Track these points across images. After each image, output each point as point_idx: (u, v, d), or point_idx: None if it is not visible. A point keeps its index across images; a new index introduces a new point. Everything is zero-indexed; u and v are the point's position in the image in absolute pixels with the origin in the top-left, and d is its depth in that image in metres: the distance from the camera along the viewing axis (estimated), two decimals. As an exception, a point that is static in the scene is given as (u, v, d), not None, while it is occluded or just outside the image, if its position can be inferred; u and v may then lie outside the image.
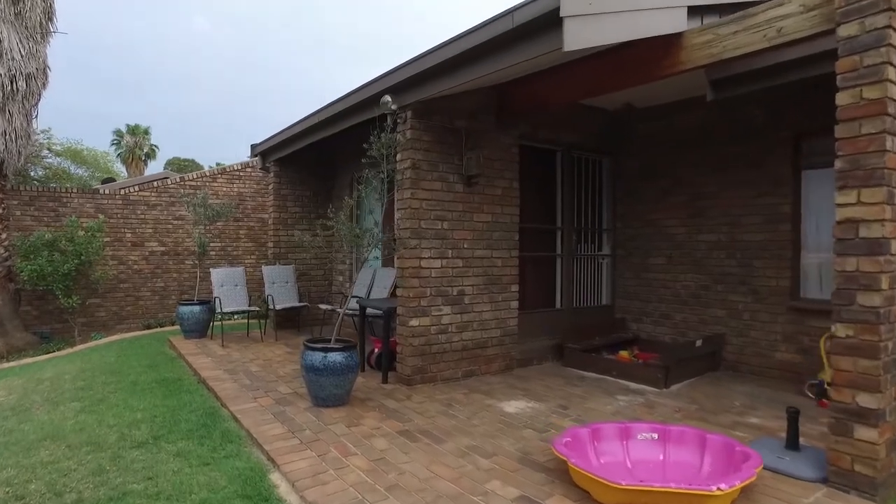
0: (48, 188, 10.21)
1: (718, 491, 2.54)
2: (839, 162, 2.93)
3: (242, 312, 7.82)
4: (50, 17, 9.31)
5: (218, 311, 7.26)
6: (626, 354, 5.93)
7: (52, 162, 17.73)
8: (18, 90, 8.62)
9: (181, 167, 32.38)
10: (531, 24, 3.49)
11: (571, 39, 3.29)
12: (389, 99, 4.88)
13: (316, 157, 8.45)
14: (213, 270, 7.87)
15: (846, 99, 2.88)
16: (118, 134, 34.27)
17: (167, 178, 12.69)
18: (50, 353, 8.23)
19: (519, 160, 5.76)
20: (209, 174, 11.78)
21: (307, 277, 8.64)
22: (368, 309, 5.75)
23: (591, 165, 6.91)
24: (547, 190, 6.50)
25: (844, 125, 2.89)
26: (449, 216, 5.23)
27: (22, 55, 8.60)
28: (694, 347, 5.47)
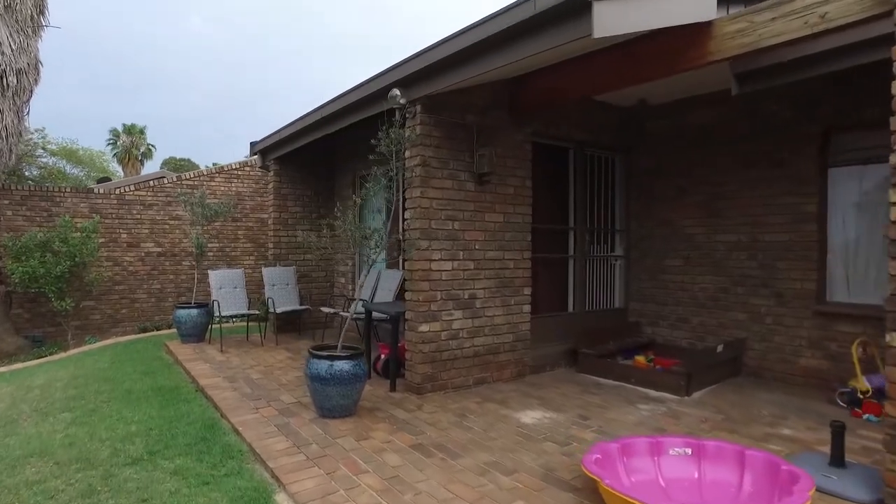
0: (40, 187, 9.91)
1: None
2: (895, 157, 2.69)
3: (242, 316, 7.56)
4: (42, 10, 9.05)
5: (216, 314, 6.99)
6: (642, 360, 5.69)
7: (46, 161, 17.47)
8: (9, 86, 8.33)
9: (178, 167, 32.08)
10: (556, 9, 3.26)
11: (601, 25, 3.06)
12: (398, 92, 4.64)
13: (317, 155, 8.18)
14: (211, 272, 7.59)
15: (903, 88, 2.64)
16: (114, 133, 33.74)
17: (163, 177, 12.43)
18: (42, 357, 7.96)
19: (531, 158, 5.53)
20: (206, 173, 11.51)
21: (308, 279, 8.37)
22: (374, 313, 5.50)
23: (603, 163, 6.67)
24: (559, 189, 6.26)
25: (901, 116, 2.65)
26: (460, 216, 4.98)
27: (12, 50, 8.31)
28: (715, 353, 5.24)
